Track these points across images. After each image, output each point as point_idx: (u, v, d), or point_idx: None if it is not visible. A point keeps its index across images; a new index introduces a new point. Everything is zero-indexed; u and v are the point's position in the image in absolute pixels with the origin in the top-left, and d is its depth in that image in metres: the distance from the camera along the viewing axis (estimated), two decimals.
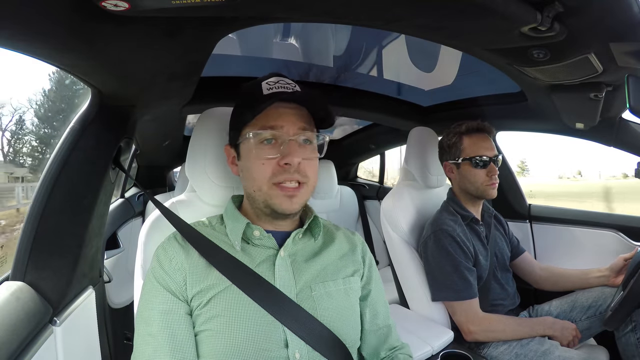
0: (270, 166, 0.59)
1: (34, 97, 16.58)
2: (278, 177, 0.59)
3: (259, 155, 0.59)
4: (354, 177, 2.82)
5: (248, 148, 0.61)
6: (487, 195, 1.13)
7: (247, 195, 0.65)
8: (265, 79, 0.64)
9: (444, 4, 0.56)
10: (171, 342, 0.55)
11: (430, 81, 1.50)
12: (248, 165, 0.61)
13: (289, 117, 0.60)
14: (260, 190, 0.60)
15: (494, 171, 1.11)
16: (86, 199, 0.83)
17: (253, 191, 0.62)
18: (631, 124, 1.16)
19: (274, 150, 0.59)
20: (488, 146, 1.12)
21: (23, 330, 0.64)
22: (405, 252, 1.21)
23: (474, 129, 1.14)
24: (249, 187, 0.63)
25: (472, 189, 1.14)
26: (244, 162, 0.63)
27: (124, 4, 0.45)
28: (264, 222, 0.65)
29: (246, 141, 0.61)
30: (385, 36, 1.25)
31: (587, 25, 0.60)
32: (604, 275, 1.12)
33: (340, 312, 0.63)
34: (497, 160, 1.12)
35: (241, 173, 0.65)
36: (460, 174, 1.16)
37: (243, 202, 0.70)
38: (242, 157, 0.63)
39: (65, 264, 0.80)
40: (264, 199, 0.61)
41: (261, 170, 0.59)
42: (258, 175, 0.60)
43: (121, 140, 0.92)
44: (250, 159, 0.61)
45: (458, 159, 1.15)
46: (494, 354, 1.03)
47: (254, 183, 0.61)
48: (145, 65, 0.73)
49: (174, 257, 0.60)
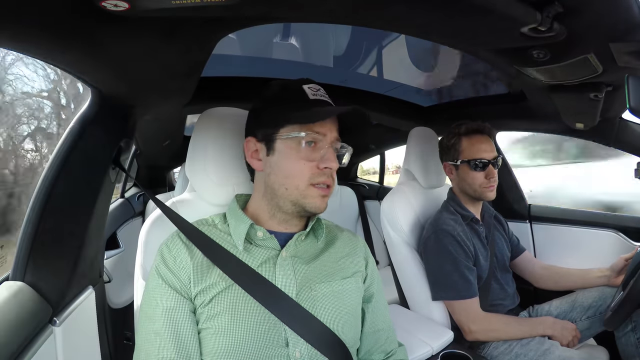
0: (309, 167, 0.61)
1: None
2: (316, 179, 0.61)
3: (303, 155, 0.61)
4: (354, 177, 2.82)
5: (289, 146, 0.62)
6: (485, 197, 1.13)
7: (269, 190, 0.64)
8: (303, 82, 0.65)
9: (444, 4, 0.56)
10: (175, 339, 0.55)
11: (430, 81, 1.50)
12: (285, 162, 0.62)
13: (330, 125, 0.63)
14: (297, 188, 0.61)
15: (492, 174, 1.10)
16: (86, 199, 0.83)
17: (285, 189, 0.62)
18: (631, 124, 1.17)
19: (314, 153, 0.62)
20: (487, 148, 1.12)
21: (23, 330, 0.64)
22: (405, 252, 1.21)
23: (472, 130, 1.14)
24: (280, 183, 0.62)
25: (470, 190, 1.14)
26: (279, 158, 0.62)
27: (124, 4, 0.45)
28: (276, 220, 0.66)
29: (289, 139, 0.62)
30: (385, 36, 1.25)
31: (587, 25, 0.60)
32: (605, 275, 1.12)
33: (340, 312, 0.63)
34: (496, 162, 1.12)
35: (269, 169, 0.64)
36: (459, 176, 1.16)
37: (251, 200, 0.70)
38: (276, 153, 0.63)
39: (65, 264, 0.80)
40: (296, 197, 0.62)
41: (302, 169, 0.61)
42: (298, 173, 0.61)
43: (121, 140, 0.92)
44: (290, 157, 0.61)
45: (457, 160, 1.15)
46: (494, 353, 1.03)
47: (291, 181, 0.61)
48: (145, 65, 0.73)
49: (178, 255, 0.60)
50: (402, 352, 0.74)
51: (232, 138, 0.77)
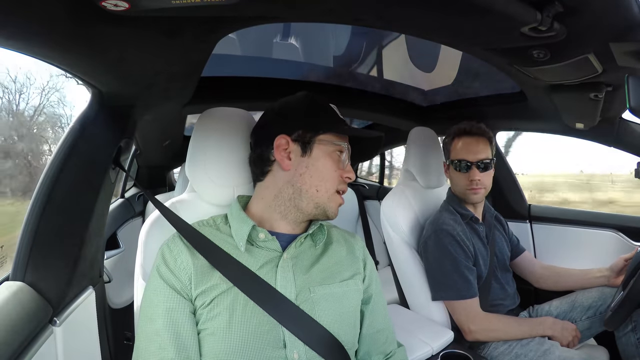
0: (338, 174, 0.67)
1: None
2: (341, 186, 0.67)
3: (337, 163, 0.67)
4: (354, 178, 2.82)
5: (327, 151, 0.66)
6: (469, 199, 1.13)
7: (293, 191, 0.66)
8: (327, 101, 0.73)
9: (444, 4, 0.56)
10: (175, 339, 0.55)
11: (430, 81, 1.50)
12: (322, 166, 0.65)
13: (346, 143, 0.69)
14: (327, 191, 0.65)
15: (474, 176, 1.09)
16: (86, 199, 0.83)
17: (317, 190, 0.65)
18: (631, 124, 1.16)
19: (341, 163, 0.67)
20: (475, 149, 1.10)
21: (23, 330, 0.64)
22: (405, 252, 1.21)
23: (463, 131, 1.14)
24: (313, 184, 0.65)
25: (457, 191, 1.16)
26: (316, 161, 0.65)
27: (124, 4, 0.45)
28: (286, 221, 0.67)
29: (327, 145, 0.66)
30: (385, 36, 1.25)
31: (587, 25, 0.60)
32: (604, 276, 1.12)
33: (339, 314, 0.64)
34: (482, 164, 1.10)
35: (303, 169, 0.65)
36: (449, 176, 1.19)
37: (253, 201, 0.70)
38: (313, 155, 0.65)
39: (65, 264, 0.79)
40: (323, 200, 0.65)
41: (334, 175, 0.66)
42: (332, 178, 0.66)
43: (121, 140, 0.92)
44: (327, 162, 0.66)
45: (447, 160, 1.18)
46: (494, 354, 1.03)
47: (324, 184, 0.65)
48: (145, 65, 0.73)
49: (179, 256, 0.60)
50: (401, 353, 0.74)
51: (232, 138, 0.77)
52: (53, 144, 2.82)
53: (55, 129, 3.05)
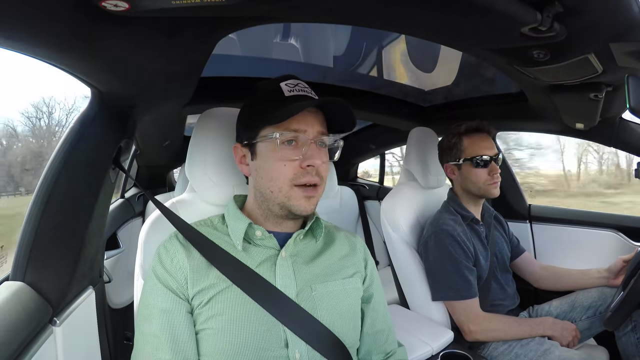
0: (291, 167, 0.59)
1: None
2: (300, 179, 0.59)
3: (282, 156, 0.59)
4: (354, 178, 2.82)
5: (268, 148, 0.60)
6: (490, 194, 1.13)
7: (259, 194, 0.64)
8: (282, 79, 0.63)
9: (444, 3, 0.56)
10: (172, 340, 0.55)
11: (431, 81, 1.50)
12: (267, 165, 0.61)
13: (311, 120, 0.61)
14: (281, 190, 0.60)
15: (495, 170, 1.11)
16: (86, 199, 0.83)
17: (271, 192, 0.61)
18: (631, 124, 1.17)
19: (295, 152, 0.60)
20: (488, 145, 1.12)
21: (23, 330, 0.64)
22: (405, 252, 1.21)
23: (473, 129, 1.14)
24: (266, 187, 0.62)
25: (475, 189, 1.14)
26: (262, 162, 0.62)
27: (124, 4, 0.45)
28: (270, 222, 0.65)
29: (267, 141, 0.60)
30: (385, 36, 1.25)
31: (587, 25, 0.60)
32: (603, 277, 1.12)
33: (340, 312, 0.63)
34: (497, 159, 1.12)
35: (255, 173, 0.64)
36: (462, 175, 1.16)
37: (247, 201, 0.70)
38: (258, 156, 0.62)
39: (65, 264, 0.79)
40: (281, 200, 0.60)
41: (283, 171, 0.59)
42: (279, 175, 0.60)
43: (121, 141, 0.92)
44: (270, 159, 0.60)
45: (459, 160, 1.15)
46: (494, 354, 1.03)
47: (274, 183, 0.60)
48: (145, 65, 0.73)
49: (175, 256, 0.60)
50: (401, 353, 0.74)
51: (232, 138, 0.77)
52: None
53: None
